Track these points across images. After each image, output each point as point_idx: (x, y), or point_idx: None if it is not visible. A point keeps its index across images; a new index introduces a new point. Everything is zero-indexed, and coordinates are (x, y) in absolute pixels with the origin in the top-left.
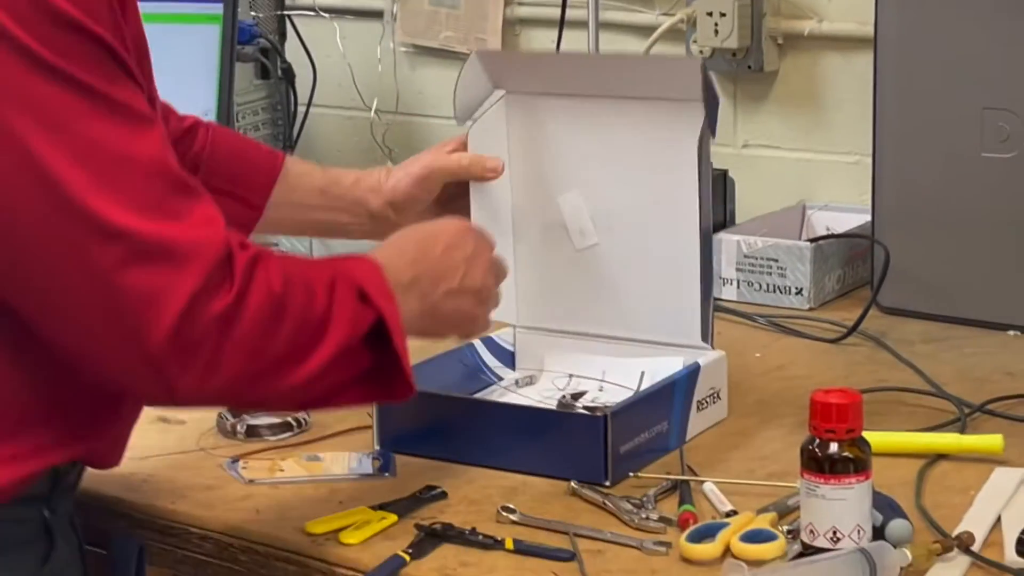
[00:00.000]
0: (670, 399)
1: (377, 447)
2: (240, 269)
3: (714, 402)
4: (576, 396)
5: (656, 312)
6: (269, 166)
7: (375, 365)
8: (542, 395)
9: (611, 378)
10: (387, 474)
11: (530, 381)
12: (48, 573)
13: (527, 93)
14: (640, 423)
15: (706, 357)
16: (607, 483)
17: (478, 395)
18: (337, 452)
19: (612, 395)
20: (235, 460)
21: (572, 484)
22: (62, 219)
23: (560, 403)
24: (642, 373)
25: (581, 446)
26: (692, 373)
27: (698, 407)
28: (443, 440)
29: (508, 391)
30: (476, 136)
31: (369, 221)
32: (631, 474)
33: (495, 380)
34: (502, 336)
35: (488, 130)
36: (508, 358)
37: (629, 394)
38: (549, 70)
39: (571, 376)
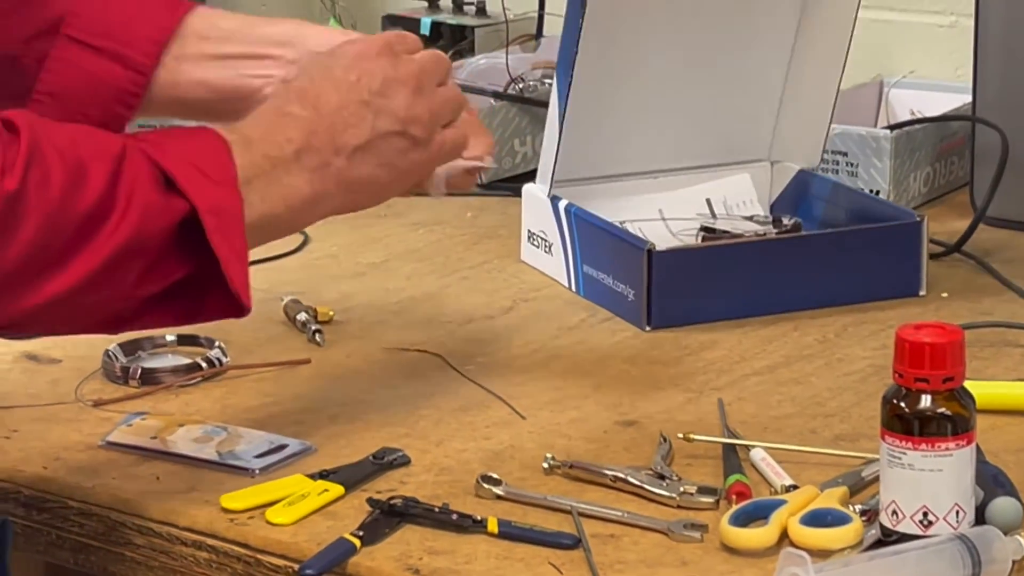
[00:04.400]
0: None
1: None
2: None
3: None
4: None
5: (719, 131)
6: (163, 13)
7: (197, 273)
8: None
9: (671, 214)
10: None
11: None
12: None
13: None
14: None
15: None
16: (921, 292)
17: None
18: (250, 430)
19: (724, 223)
20: (139, 415)
21: (549, 458)
22: None
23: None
24: (708, 200)
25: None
26: None
27: None
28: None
29: None
30: None
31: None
32: (682, 435)
33: None
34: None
35: None
36: None
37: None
38: None
39: (622, 223)
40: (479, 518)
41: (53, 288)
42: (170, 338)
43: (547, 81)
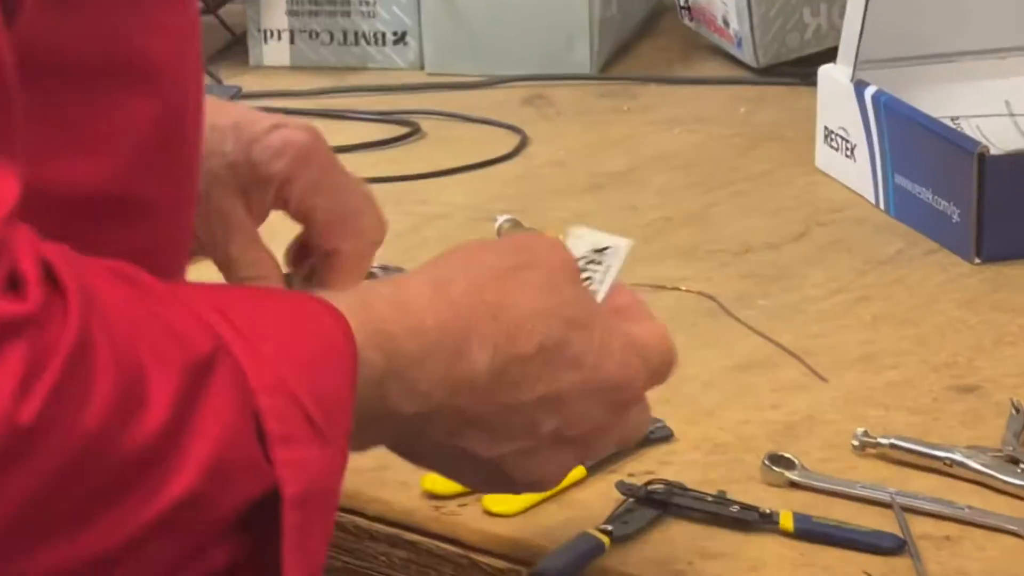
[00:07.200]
0: None
1: None
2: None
3: None
4: None
5: None
6: None
7: (244, 561)
8: None
9: (1022, 109)
10: None
11: None
12: None
13: None
14: None
15: None
16: None
17: None
18: None
19: None
20: None
21: (860, 434)
22: None
23: None
24: None
25: None
26: None
27: None
28: None
29: None
30: None
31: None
32: None
33: None
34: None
35: None
36: None
37: None
38: None
39: (954, 119)
40: (767, 511)
41: (49, 561)
42: None
43: None
